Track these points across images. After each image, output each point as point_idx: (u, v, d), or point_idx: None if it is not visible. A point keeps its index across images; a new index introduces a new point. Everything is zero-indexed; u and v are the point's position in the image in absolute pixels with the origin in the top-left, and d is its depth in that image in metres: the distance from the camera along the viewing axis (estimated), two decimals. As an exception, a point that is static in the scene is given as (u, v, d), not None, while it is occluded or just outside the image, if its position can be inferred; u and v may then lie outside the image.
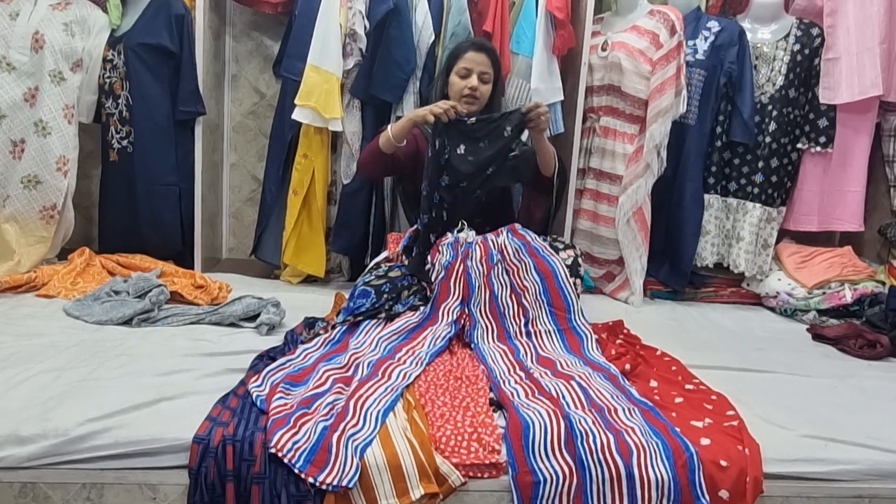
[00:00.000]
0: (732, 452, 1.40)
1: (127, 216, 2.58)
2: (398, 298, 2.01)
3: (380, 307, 1.96)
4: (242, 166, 3.03)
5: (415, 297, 2.02)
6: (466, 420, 1.43)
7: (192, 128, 2.62)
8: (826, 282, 2.55)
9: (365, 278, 2.10)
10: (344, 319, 1.92)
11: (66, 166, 2.44)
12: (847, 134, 2.63)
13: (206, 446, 1.29)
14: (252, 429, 1.33)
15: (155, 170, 2.55)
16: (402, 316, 1.95)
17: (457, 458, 1.34)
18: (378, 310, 1.95)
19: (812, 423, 1.57)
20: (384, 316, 1.94)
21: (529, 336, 1.93)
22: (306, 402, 1.43)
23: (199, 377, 1.58)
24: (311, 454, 1.28)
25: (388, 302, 1.98)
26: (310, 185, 2.52)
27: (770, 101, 2.62)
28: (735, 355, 2.05)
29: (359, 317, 1.92)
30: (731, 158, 2.68)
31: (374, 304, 1.95)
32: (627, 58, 2.50)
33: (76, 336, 1.83)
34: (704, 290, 2.77)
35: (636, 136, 2.58)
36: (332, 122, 2.42)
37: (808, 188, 2.72)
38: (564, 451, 1.37)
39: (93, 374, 1.56)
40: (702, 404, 1.63)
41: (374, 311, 1.95)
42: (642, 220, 2.59)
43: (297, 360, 1.67)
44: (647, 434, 1.41)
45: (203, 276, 2.34)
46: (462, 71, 2.18)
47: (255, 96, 2.99)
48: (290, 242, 2.56)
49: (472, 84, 2.16)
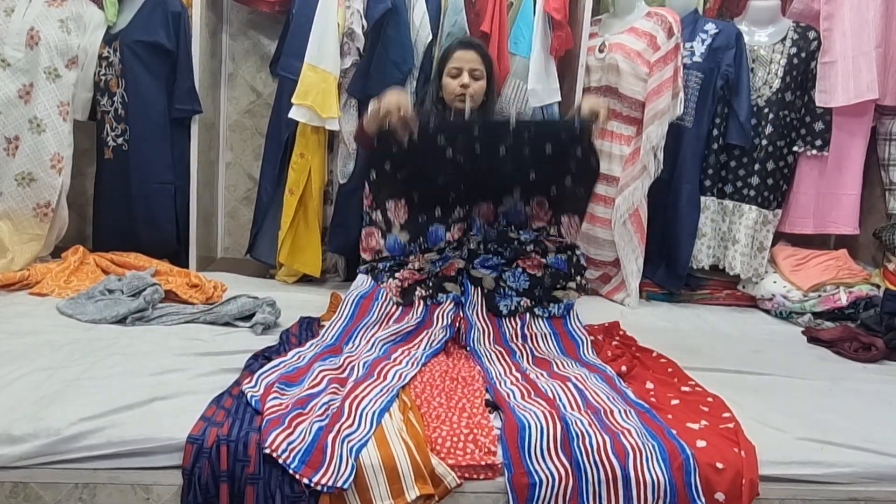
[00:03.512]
0: (728, 455, 1.40)
1: (122, 214, 2.56)
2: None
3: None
4: (238, 165, 3.02)
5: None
6: (462, 421, 1.42)
7: (188, 126, 2.61)
8: (821, 284, 2.56)
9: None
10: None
11: (61, 164, 2.43)
12: (843, 137, 2.63)
13: (200, 446, 1.28)
14: (247, 429, 1.32)
15: (150, 168, 2.53)
16: (399, 319, 1.93)
17: (452, 460, 1.33)
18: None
19: (808, 425, 1.57)
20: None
21: (525, 339, 1.93)
22: (301, 403, 1.43)
23: (194, 377, 1.57)
24: (306, 455, 1.27)
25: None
26: (306, 185, 2.51)
27: (766, 103, 2.62)
28: (731, 358, 2.05)
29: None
30: (728, 161, 2.68)
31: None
32: (625, 59, 2.50)
33: (69, 335, 1.82)
34: (700, 292, 2.77)
35: (633, 137, 2.58)
36: (329, 121, 2.41)
37: (803, 191, 2.72)
38: (560, 452, 1.37)
39: (86, 373, 1.55)
40: (698, 406, 1.63)
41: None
42: (639, 221, 2.59)
43: (292, 361, 1.66)
44: (643, 436, 1.41)
45: (198, 276, 2.33)
46: (452, 71, 2.14)
47: (252, 95, 2.98)
48: (285, 242, 2.55)
49: (464, 82, 2.12)
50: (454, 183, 1.95)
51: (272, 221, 2.62)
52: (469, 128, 1.95)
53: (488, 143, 1.90)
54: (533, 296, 2.00)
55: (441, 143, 1.91)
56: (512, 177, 1.95)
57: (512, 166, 1.92)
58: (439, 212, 1.98)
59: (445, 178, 1.94)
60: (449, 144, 1.91)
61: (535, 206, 2.01)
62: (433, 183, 1.94)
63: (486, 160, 1.91)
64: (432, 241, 1.99)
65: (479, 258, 2.03)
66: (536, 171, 1.94)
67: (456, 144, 1.91)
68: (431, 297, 1.97)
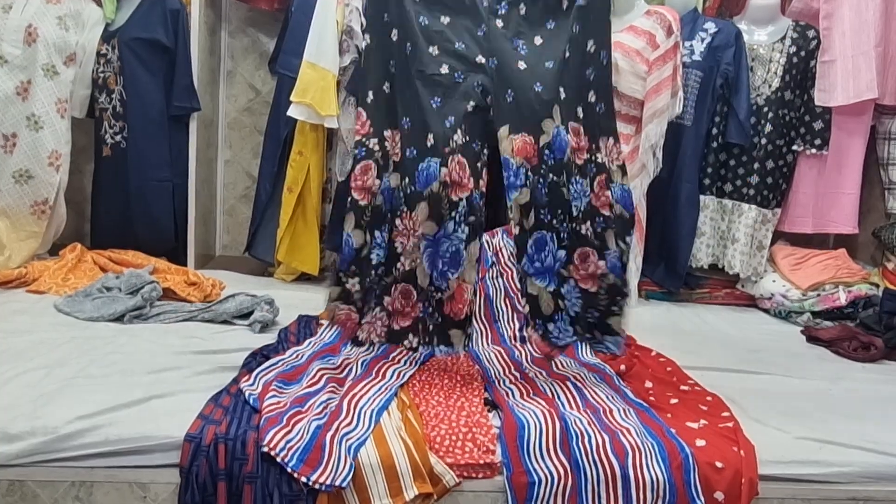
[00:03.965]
0: (728, 454, 1.39)
1: (120, 212, 2.56)
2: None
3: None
4: (237, 163, 3.01)
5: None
6: (461, 420, 1.42)
7: (187, 123, 2.60)
8: (820, 284, 2.55)
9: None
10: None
11: (59, 161, 2.42)
12: (842, 136, 2.63)
13: (198, 445, 1.27)
14: (245, 427, 1.32)
15: (148, 165, 2.53)
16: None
17: (451, 458, 1.33)
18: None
19: (807, 425, 1.57)
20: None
21: (523, 341, 1.92)
22: (300, 401, 1.42)
23: (191, 375, 1.57)
24: (305, 453, 1.27)
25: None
26: (305, 183, 2.50)
27: (766, 102, 2.61)
28: (730, 357, 2.04)
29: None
30: (727, 160, 2.67)
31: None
32: (624, 58, 2.49)
33: (67, 333, 1.81)
34: (699, 291, 2.76)
35: (632, 136, 2.56)
36: (327, 119, 2.40)
37: (802, 190, 2.71)
38: (559, 451, 1.36)
39: (83, 371, 1.55)
40: (697, 405, 1.62)
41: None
42: (637, 220, 2.57)
43: (290, 359, 1.65)
44: (642, 435, 1.40)
45: (196, 273, 2.32)
46: None
47: (251, 93, 2.97)
48: (284, 240, 2.54)
49: None
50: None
51: (270, 219, 2.61)
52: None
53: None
54: (585, 323, 1.60)
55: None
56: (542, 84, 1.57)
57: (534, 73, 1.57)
58: (431, 139, 1.56)
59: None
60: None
61: (572, 133, 1.61)
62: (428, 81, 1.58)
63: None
64: (421, 183, 1.55)
65: (529, 247, 1.56)
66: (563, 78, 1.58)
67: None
68: (427, 345, 1.57)
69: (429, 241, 1.53)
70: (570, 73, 1.60)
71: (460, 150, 1.54)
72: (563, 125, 1.57)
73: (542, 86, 1.57)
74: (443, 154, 1.54)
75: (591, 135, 1.64)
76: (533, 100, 1.56)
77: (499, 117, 1.57)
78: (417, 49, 1.59)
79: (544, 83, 1.57)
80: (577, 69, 1.62)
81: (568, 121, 1.59)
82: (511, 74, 1.58)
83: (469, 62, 1.59)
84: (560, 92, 1.58)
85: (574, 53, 1.61)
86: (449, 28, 1.60)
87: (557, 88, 1.58)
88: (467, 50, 1.59)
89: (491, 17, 1.61)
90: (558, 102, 1.58)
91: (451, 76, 1.58)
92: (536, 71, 1.58)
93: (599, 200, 1.63)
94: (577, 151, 1.61)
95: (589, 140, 1.64)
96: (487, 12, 1.61)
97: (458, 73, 1.58)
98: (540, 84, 1.57)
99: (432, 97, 1.57)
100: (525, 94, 1.57)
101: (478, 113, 1.58)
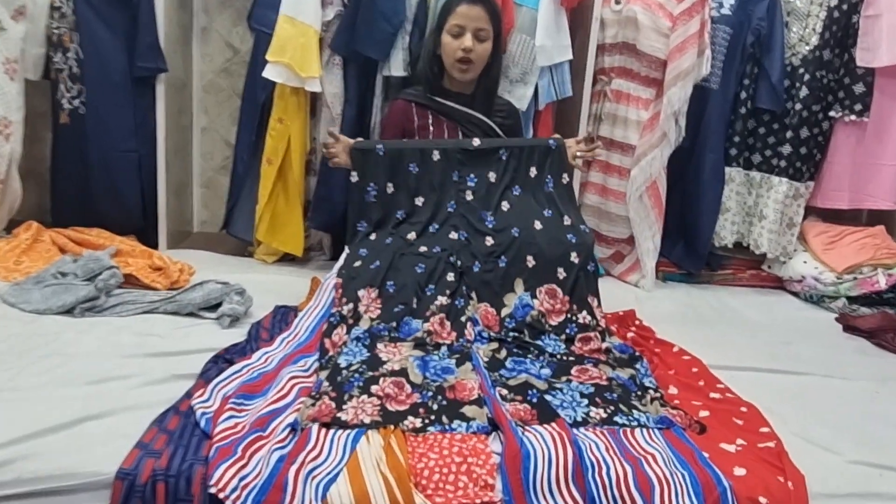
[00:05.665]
0: (773, 486, 1.18)
1: (81, 186, 2.32)
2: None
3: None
4: (214, 130, 2.76)
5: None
6: (454, 447, 1.18)
7: (153, 87, 2.34)
8: (857, 266, 2.35)
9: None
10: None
11: (9, 129, 2.16)
12: (885, 102, 2.38)
13: (132, 483, 1.05)
14: (190, 460, 1.10)
15: (110, 134, 2.28)
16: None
17: (441, 498, 1.09)
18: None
19: (860, 443, 1.38)
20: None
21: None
22: (261, 423, 1.19)
23: (138, 386, 1.34)
24: (262, 494, 1.04)
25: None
26: (286, 154, 2.27)
27: (802, 63, 2.37)
28: (760, 352, 1.87)
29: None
30: (756, 127, 2.45)
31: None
32: (644, 12, 2.25)
33: (7, 328, 1.59)
34: (722, 272, 2.55)
35: (652, 101, 2.35)
36: (309, 81, 2.16)
37: (838, 161, 2.48)
38: (572, 485, 1.14)
39: (11, 381, 1.32)
40: (731, 419, 1.42)
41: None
42: (656, 195, 2.38)
43: (258, 364, 1.43)
44: (671, 464, 1.18)
45: (162, 257, 2.08)
46: (454, 29, 1.93)
47: (228, 52, 2.70)
48: (263, 218, 2.31)
49: (466, 45, 1.91)
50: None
51: (249, 194, 2.39)
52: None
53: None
54: (605, 400, 1.40)
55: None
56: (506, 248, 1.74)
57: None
58: (415, 301, 1.63)
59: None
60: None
61: (544, 296, 1.68)
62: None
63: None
64: (404, 334, 1.58)
65: (505, 367, 1.52)
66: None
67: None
68: (436, 423, 1.27)
69: (417, 359, 1.50)
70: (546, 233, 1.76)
71: (442, 310, 1.63)
72: (530, 291, 1.69)
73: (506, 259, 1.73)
74: (423, 316, 1.62)
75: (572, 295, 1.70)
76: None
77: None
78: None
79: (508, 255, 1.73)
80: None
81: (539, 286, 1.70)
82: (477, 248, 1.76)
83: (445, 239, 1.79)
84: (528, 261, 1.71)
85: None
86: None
87: (525, 258, 1.72)
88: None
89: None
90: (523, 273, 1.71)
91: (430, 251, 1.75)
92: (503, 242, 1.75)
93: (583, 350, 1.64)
94: (550, 314, 1.68)
95: (570, 302, 1.70)
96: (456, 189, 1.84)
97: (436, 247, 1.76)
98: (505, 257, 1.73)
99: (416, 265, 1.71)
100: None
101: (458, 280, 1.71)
